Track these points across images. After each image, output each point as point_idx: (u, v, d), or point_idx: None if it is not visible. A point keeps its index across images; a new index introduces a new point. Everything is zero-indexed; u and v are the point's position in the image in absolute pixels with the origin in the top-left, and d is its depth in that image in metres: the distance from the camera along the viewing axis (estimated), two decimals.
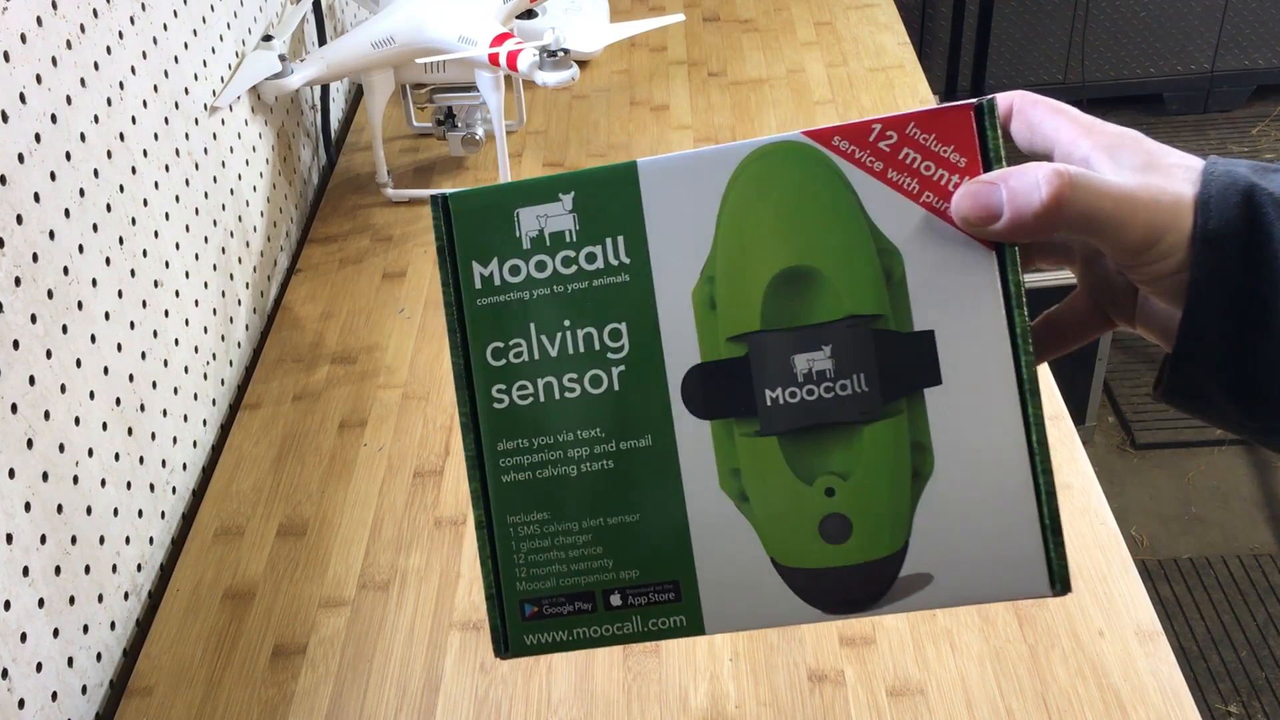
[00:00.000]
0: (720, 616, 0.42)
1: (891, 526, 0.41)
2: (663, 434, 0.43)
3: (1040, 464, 0.41)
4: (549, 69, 1.11)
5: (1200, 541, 2.06)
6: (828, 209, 0.42)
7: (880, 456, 0.41)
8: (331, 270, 1.20)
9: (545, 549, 0.43)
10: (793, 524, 0.42)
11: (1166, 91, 3.08)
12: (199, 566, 0.90)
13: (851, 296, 0.42)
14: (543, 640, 0.43)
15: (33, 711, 0.73)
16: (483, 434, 0.43)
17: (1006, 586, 0.41)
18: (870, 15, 1.59)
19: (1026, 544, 0.41)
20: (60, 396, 0.77)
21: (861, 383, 0.41)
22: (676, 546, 0.43)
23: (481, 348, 0.44)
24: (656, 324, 0.43)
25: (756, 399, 0.42)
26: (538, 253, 0.43)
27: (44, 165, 0.77)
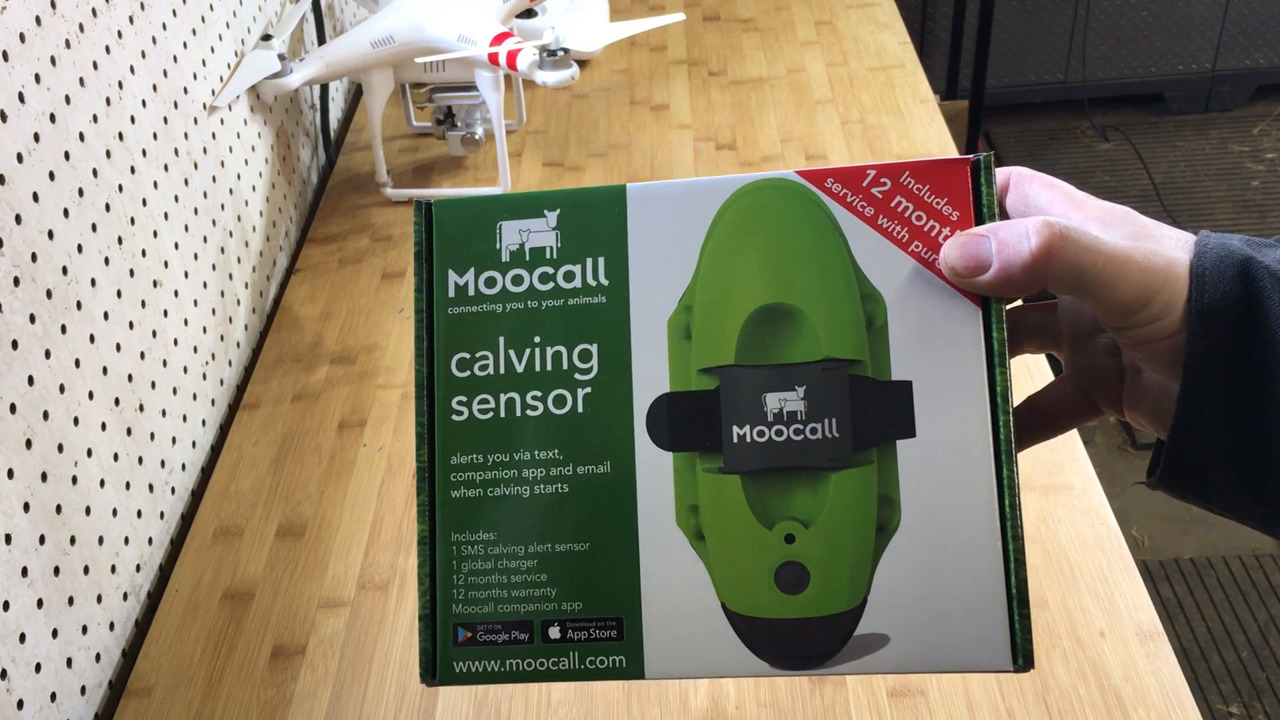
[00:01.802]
0: (662, 662, 0.40)
1: (851, 581, 0.39)
2: (622, 462, 0.41)
3: (1011, 530, 0.39)
4: (549, 68, 1.11)
5: (1201, 542, 2.06)
6: (814, 249, 0.41)
7: (846, 506, 0.40)
8: (331, 270, 1.20)
9: (487, 571, 0.42)
10: (748, 569, 0.40)
11: (1167, 91, 3.08)
12: (198, 567, 0.89)
13: (830, 339, 0.41)
14: (473, 669, 0.41)
15: (31, 712, 0.73)
16: (437, 446, 0.43)
17: (966, 658, 0.39)
18: (871, 14, 1.59)
19: (990, 616, 0.39)
20: (59, 396, 0.77)
21: (833, 428, 0.40)
22: (624, 581, 0.41)
23: (447, 357, 0.43)
24: (629, 348, 0.42)
25: (723, 434, 0.41)
26: (516, 267, 0.43)
27: (43, 165, 0.77)
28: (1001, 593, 0.39)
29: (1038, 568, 0.83)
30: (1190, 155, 2.95)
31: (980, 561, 0.39)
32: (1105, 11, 2.95)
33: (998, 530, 0.39)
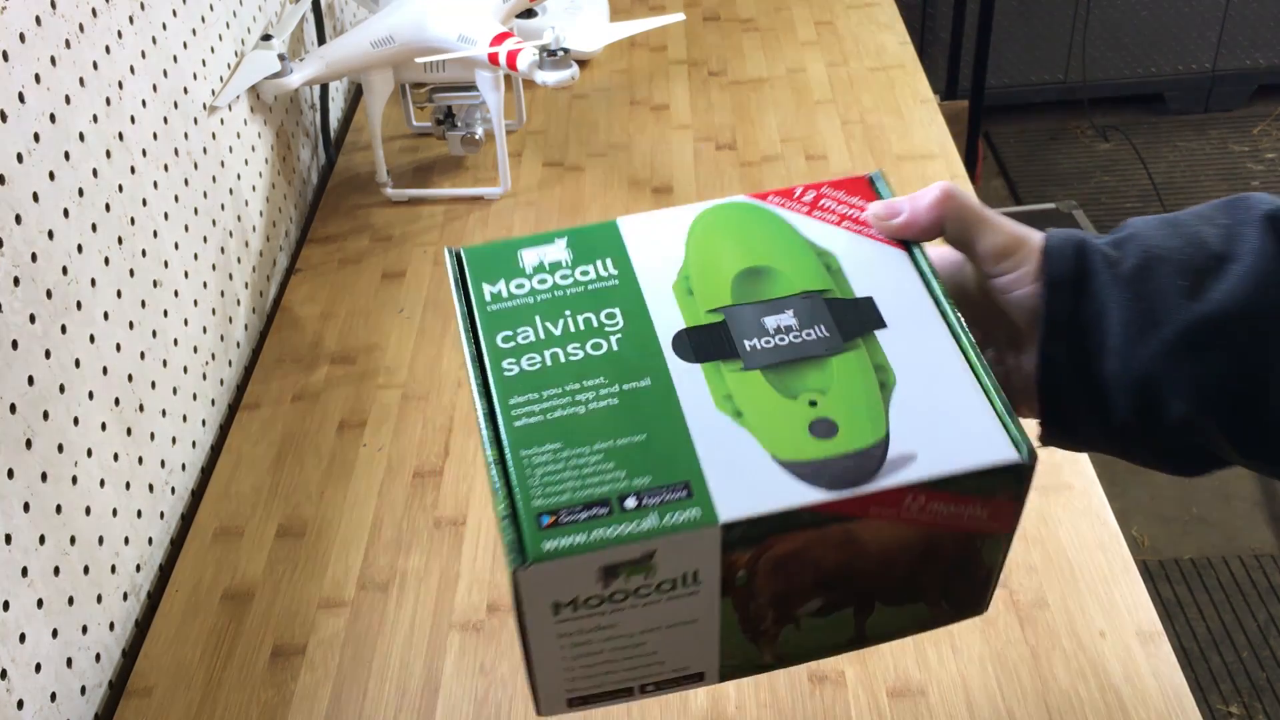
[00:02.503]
0: (732, 505, 0.46)
1: (872, 422, 0.48)
2: (659, 376, 0.49)
3: (978, 360, 0.50)
4: (549, 68, 1.11)
5: (1201, 542, 2.06)
6: (771, 233, 0.55)
7: (849, 375, 0.49)
8: (331, 270, 1.20)
9: (559, 471, 0.47)
10: (786, 428, 0.48)
11: (1167, 91, 3.08)
12: (198, 567, 0.89)
13: (802, 279, 0.52)
14: (561, 545, 0.45)
15: (31, 712, 0.73)
16: (494, 396, 0.49)
17: (981, 455, 0.47)
18: (871, 15, 1.59)
19: (986, 425, 0.48)
20: (59, 397, 0.77)
21: (822, 330, 0.51)
22: (684, 454, 0.47)
23: (492, 336, 0.51)
24: (645, 306, 0.52)
25: (738, 346, 0.50)
26: (539, 274, 0.53)
27: (43, 165, 0.77)
28: (989, 409, 0.48)
29: (1038, 568, 0.83)
30: (1190, 155, 2.95)
31: (964, 393, 0.49)
32: (1105, 12, 2.95)
33: (969, 370, 0.50)
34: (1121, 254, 0.52)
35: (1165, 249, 0.51)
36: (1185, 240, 0.52)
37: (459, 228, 1.24)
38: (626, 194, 1.27)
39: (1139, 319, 0.50)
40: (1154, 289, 0.50)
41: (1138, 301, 0.51)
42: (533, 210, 1.26)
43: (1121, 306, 0.51)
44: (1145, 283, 0.51)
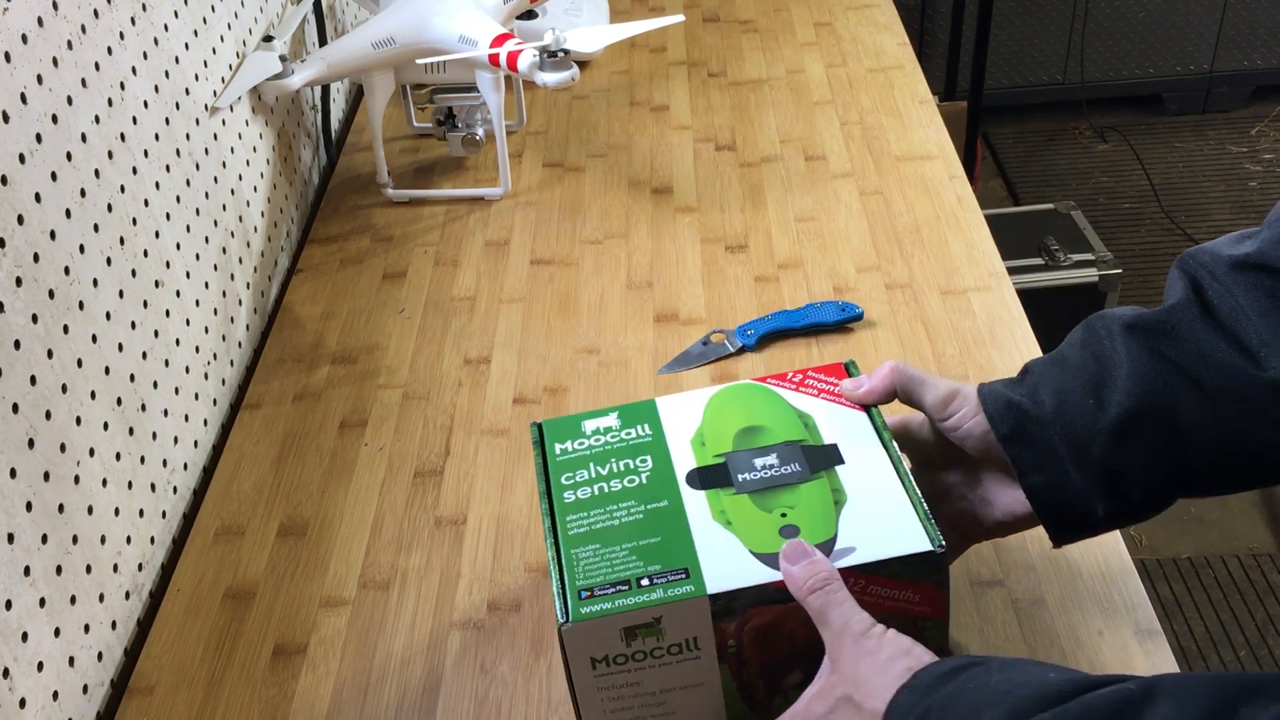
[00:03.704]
0: (717, 581, 0.64)
1: (825, 526, 0.66)
2: (674, 499, 0.69)
3: (908, 484, 0.69)
4: (549, 69, 1.11)
5: (1199, 541, 2.07)
6: (766, 402, 0.75)
7: (812, 496, 0.68)
8: (332, 270, 1.20)
9: (596, 563, 0.66)
10: (762, 532, 0.67)
11: (1165, 92, 3.08)
12: (200, 566, 0.90)
13: (786, 433, 0.73)
14: (594, 610, 0.64)
15: (34, 711, 0.73)
16: (556, 515, 0.70)
17: (903, 546, 0.65)
18: (870, 16, 1.59)
19: (910, 527, 0.66)
20: (61, 396, 0.77)
21: (796, 466, 0.70)
22: (686, 550, 0.66)
23: (558, 476, 0.72)
24: (669, 454, 0.72)
25: (733, 479, 0.70)
26: (595, 435, 0.75)
27: (45, 165, 0.77)
28: (913, 514, 0.67)
29: (1036, 567, 0.83)
30: (1188, 156, 2.95)
31: (895, 503, 0.68)
32: (1103, 13, 2.95)
33: (901, 487, 0.68)
34: (1040, 399, 0.69)
35: (1067, 386, 0.68)
36: (1076, 370, 0.69)
37: (459, 228, 1.25)
38: (626, 194, 1.27)
39: (1076, 443, 0.67)
40: (1073, 417, 0.68)
41: (1069, 430, 0.68)
42: (533, 210, 1.26)
43: (1061, 438, 0.68)
44: (1066, 415, 0.68)
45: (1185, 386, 0.66)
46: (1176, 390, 0.66)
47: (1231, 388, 0.65)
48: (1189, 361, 0.66)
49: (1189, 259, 0.69)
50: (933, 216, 1.20)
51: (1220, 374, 0.65)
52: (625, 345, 1.07)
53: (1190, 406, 0.66)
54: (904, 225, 1.19)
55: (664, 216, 1.23)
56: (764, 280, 1.13)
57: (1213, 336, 0.66)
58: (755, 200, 1.25)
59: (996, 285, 1.10)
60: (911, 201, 1.22)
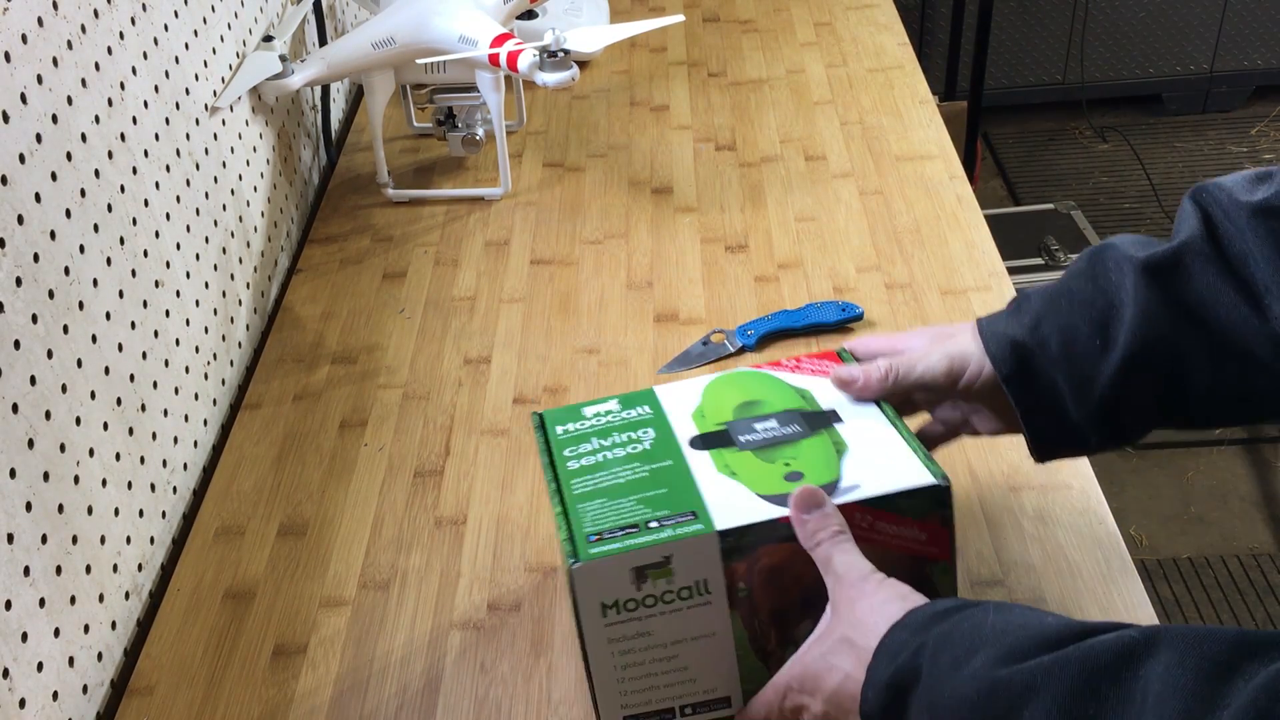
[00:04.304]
0: (725, 519, 0.65)
1: (829, 470, 0.68)
2: (678, 459, 0.70)
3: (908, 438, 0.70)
4: (549, 69, 1.11)
5: (1199, 541, 2.07)
6: (763, 382, 0.76)
7: (813, 448, 0.70)
8: (332, 270, 1.20)
9: (604, 512, 0.66)
10: (767, 478, 0.68)
11: (1165, 92, 3.08)
12: (200, 566, 0.90)
13: (784, 404, 0.74)
14: (603, 550, 0.64)
15: (34, 711, 0.73)
16: (560, 479, 0.70)
17: (907, 480, 0.66)
18: (870, 16, 1.59)
19: (911, 465, 0.67)
20: (61, 396, 0.77)
21: (796, 427, 0.72)
22: (692, 496, 0.67)
23: (560, 451, 0.73)
24: (670, 426, 0.73)
25: (735, 440, 0.71)
26: (596, 417, 0.75)
27: (45, 165, 0.77)
28: (913, 455, 0.68)
29: (1036, 567, 0.83)
30: (1188, 156, 2.95)
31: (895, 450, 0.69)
32: (1104, 13, 2.95)
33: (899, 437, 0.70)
34: (1044, 336, 0.69)
35: (1073, 324, 0.68)
36: (1082, 306, 0.69)
37: (459, 228, 1.25)
38: (626, 194, 1.27)
39: (1080, 382, 0.68)
40: (1079, 355, 0.68)
41: (1073, 369, 0.68)
42: (533, 210, 1.26)
43: (1065, 378, 0.68)
44: (1073, 355, 0.68)
45: (1190, 330, 0.66)
46: (1182, 333, 0.66)
47: (1235, 335, 0.65)
48: (1195, 304, 0.66)
49: (1203, 192, 0.68)
50: (933, 216, 1.20)
51: (1225, 319, 0.65)
52: (625, 345, 1.07)
53: (1193, 350, 0.66)
54: (904, 225, 1.19)
55: (664, 216, 1.23)
56: (764, 280, 1.13)
57: (1220, 279, 0.65)
58: (755, 200, 1.25)
59: (996, 285, 1.10)
60: (911, 201, 1.22)
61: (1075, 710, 0.50)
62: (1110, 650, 0.50)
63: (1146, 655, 0.49)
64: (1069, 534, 0.86)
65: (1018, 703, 0.52)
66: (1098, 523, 0.86)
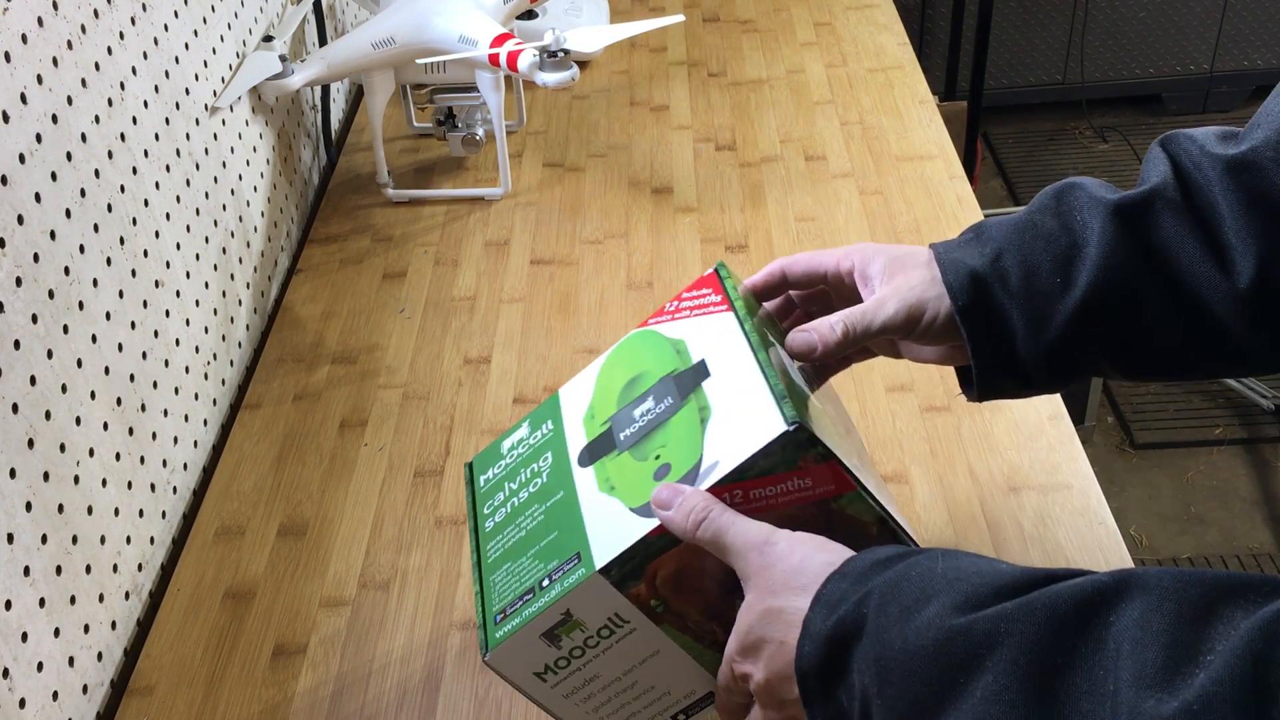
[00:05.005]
0: (602, 554, 0.62)
1: (692, 451, 0.63)
2: (569, 487, 0.67)
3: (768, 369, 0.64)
4: (549, 69, 1.11)
5: (1199, 541, 2.07)
6: (645, 345, 0.72)
7: (681, 425, 0.65)
8: (332, 270, 1.20)
9: (508, 581, 0.65)
10: (640, 484, 0.64)
11: (1165, 92, 3.08)
12: (200, 566, 0.90)
13: (661, 369, 0.69)
14: (507, 630, 0.63)
15: (34, 711, 0.73)
16: (480, 546, 0.69)
17: (757, 440, 0.60)
18: (870, 16, 1.59)
19: (766, 415, 0.61)
20: (61, 396, 0.77)
21: (669, 400, 0.67)
22: (578, 534, 0.64)
23: (481, 507, 0.72)
24: (565, 442, 0.71)
25: (616, 440, 0.67)
26: (511, 451, 0.74)
27: (45, 165, 0.77)
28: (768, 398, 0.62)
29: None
30: None
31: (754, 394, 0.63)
32: (1103, 13, 2.95)
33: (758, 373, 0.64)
34: (1004, 269, 0.66)
35: (1035, 259, 0.66)
36: (1046, 241, 0.66)
37: (459, 228, 1.25)
38: (626, 194, 1.27)
39: (1035, 319, 0.66)
40: (1038, 292, 0.65)
41: (1030, 306, 0.66)
42: (533, 210, 1.26)
43: (1021, 314, 0.66)
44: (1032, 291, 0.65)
45: (1151, 278, 0.64)
46: (1143, 280, 0.64)
47: (1195, 287, 0.64)
48: (1160, 252, 0.64)
49: (1174, 141, 0.66)
50: (933, 216, 1.20)
51: (1187, 270, 0.64)
52: None
53: (1152, 298, 0.64)
54: (904, 225, 1.19)
55: (664, 216, 1.23)
56: None
57: (1186, 229, 0.64)
58: (755, 200, 1.25)
59: None
60: (911, 201, 1.22)
61: (1042, 660, 0.46)
62: (1078, 596, 0.47)
63: (1118, 600, 0.46)
64: (1069, 534, 0.86)
65: (979, 652, 0.47)
66: (1098, 523, 0.86)
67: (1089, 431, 2.23)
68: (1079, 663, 0.45)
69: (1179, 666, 0.42)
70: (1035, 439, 0.93)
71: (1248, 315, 0.63)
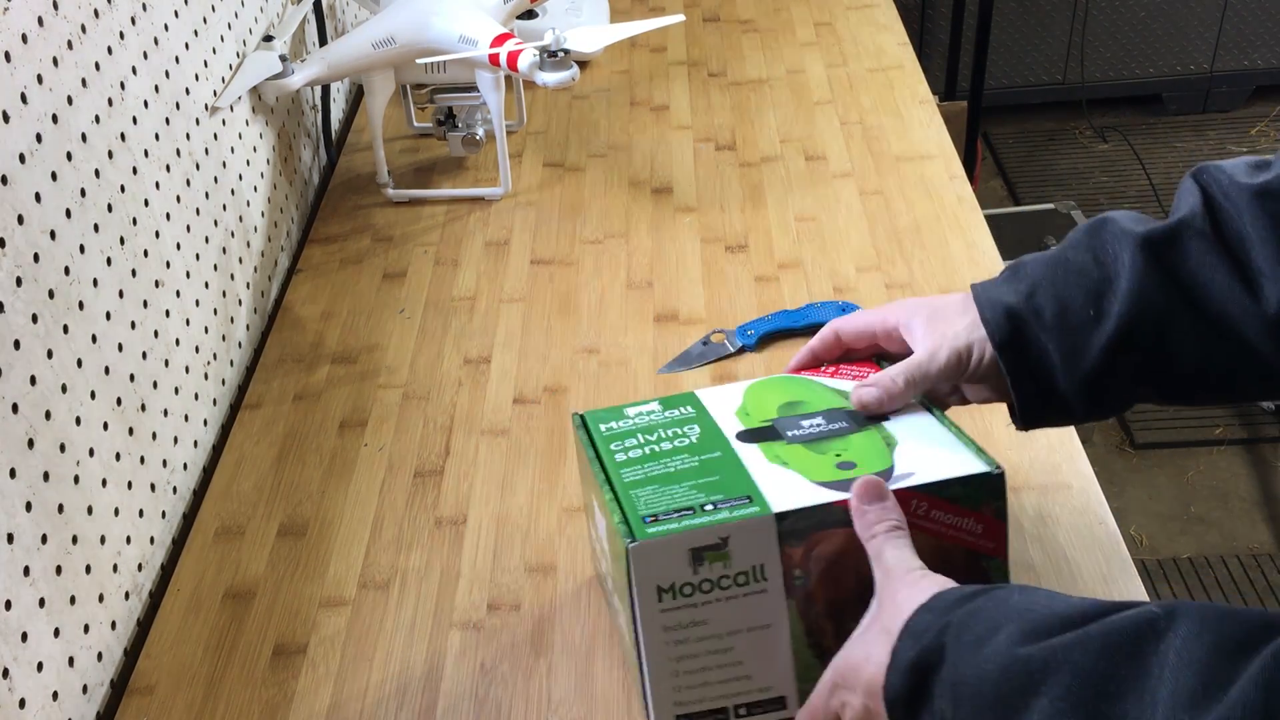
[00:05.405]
0: (781, 502, 0.65)
1: (881, 460, 0.68)
2: (727, 450, 0.70)
3: (956, 431, 0.70)
4: (549, 69, 1.11)
5: (1199, 541, 2.07)
6: (804, 386, 0.77)
7: (863, 441, 0.70)
8: (332, 270, 1.20)
9: (658, 497, 0.66)
10: (820, 466, 0.67)
11: (1166, 92, 3.08)
12: (200, 566, 0.90)
13: (826, 405, 0.74)
14: (660, 530, 0.64)
15: (34, 711, 0.73)
16: (608, 470, 0.70)
17: (961, 468, 0.66)
18: (870, 16, 1.59)
19: (964, 455, 0.68)
20: (61, 396, 0.77)
21: (843, 423, 0.72)
22: (746, 483, 0.67)
23: (606, 446, 0.73)
24: (715, 422, 0.73)
25: (783, 434, 0.71)
26: (639, 417, 0.75)
27: (45, 165, 0.77)
28: (964, 446, 0.69)
29: (1036, 567, 0.83)
30: (1188, 156, 2.95)
31: (945, 442, 0.69)
32: (1104, 13, 2.95)
33: (946, 430, 0.70)
34: (1039, 305, 0.70)
35: (1068, 294, 0.69)
36: (1078, 275, 0.69)
37: (459, 228, 1.25)
38: (627, 194, 1.27)
39: (1070, 351, 0.69)
40: (1072, 325, 0.69)
41: (1065, 338, 0.69)
42: (533, 210, 1.26)
43: (1056, 347, 0.69)
44: (1066, 325, 0.69)
45: (1183, 307, 0.66)
46: (1175, 310, 0.67)
47: (1226, 315, 0.66)
48: (1190, 281, 0.66)
49: (1204, 173, 0.68)
50: (933, 216, 1.20)
51: (1218, 299, 0.66)
52: (625, 345, 1.07)
53: (1184, 328, 0.67)
54: (904, 225, 1.19)
55: (664, 216, 1.23)
56: (764, 280, 1.13)
57: (1216, 259, 0.66)
58: (755, 200, 1.25)
59: None
60: (911, 201, 1.22)
61: (1096, 686, 0.50)
62: (1132, 625, 0.50)
63: (1167, 629, 0.49)
64: (1069, 534, 0.86)
65: (1038, 678, 0.51)
66: (1098, 523, 0.87)
67: (1089, 431, 2.23)
68: (1129, 690, 0.49)
69: (1210, 693, 0.46)
70: (1035, 439, 0.93)
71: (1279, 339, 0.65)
